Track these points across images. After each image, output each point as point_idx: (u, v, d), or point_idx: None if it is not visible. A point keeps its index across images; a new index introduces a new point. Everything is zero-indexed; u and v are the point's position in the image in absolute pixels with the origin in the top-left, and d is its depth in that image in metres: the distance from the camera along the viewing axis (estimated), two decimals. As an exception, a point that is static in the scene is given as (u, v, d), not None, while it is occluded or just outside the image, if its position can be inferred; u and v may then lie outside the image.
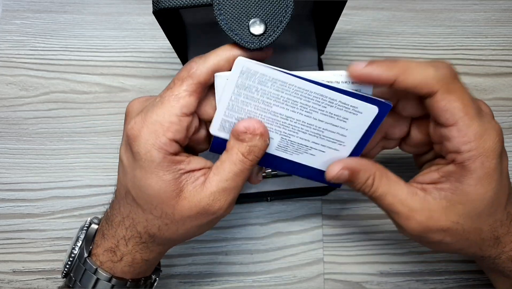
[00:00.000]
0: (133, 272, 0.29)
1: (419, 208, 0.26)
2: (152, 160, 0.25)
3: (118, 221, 0.28)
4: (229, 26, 0.25)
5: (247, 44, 0.25)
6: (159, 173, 0.25)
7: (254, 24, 0.25)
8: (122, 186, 0.27)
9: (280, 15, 0.25)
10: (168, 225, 0.27)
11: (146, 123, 0.25)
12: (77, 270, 0.29)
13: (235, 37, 0.25)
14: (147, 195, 0.26)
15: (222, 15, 0.25)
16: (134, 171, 0.26)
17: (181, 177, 0.26)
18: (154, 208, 0.26)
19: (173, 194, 0.26)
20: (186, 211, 0.26)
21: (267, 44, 0.25)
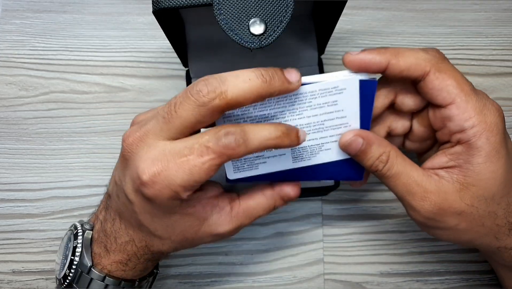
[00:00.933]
0: (141, 274, 0.31)
1: (434, 190, 0.26)
2: (173, 206, 0.25)
3: (126, 241, 0.28)
4: (229, 26, 0.25)
5: (247, 44, 0.25)
6: (181, 210, 0.26)
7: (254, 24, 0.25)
8: (133, 219, 0.27)
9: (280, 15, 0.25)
10: (184, 246, 0.28)
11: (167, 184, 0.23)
12: (82, 279, 0.28)
13: (235, 37, 0.25)
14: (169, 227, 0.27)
15: (222, 15, 0.25)
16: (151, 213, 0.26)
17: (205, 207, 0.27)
18: (175, 235, 0.27)
19: (197, 222, 0.27)
20: (206, 236, 0.28)
21: (267, 44, 0.25)
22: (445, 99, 0.25)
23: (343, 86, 0.25)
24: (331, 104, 0.26)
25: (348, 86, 0.25)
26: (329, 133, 0.27)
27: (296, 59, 0.37)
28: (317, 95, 0.26)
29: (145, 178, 0.23)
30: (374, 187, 0.40)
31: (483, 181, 0.25)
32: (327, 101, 0.26)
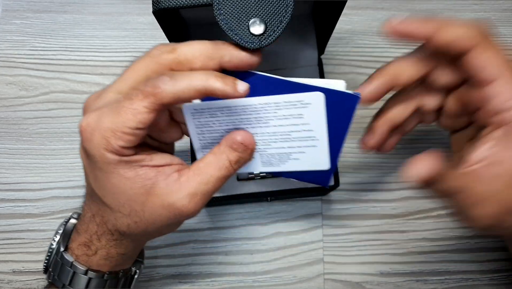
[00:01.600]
0: (110, 264, 0.28)
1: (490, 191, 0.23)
2: (108, 162, 0.24)
3: (89, 217, 0.27)
4: (229, 26, 0.25)
5: (247, 44, 0.25)
6: (119, 171, 0.24)
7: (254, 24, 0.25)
8: (88, 185, 0.27)
9: (280, 15, 0.25)
10: (137, 223, 0.26)
11: (98, 127, 0.23)
12: (55, 265, 0.29)
13: (235, 37, 0.25)
14: (113, 194, 0.25)
15: (222, 15, 0.25)
16: (94, 172, 0.25)
17: (147, 172, 0.24)
18: (121, 206, 0.25)
19: (141, 190, 0.24)
20: (157, 209, 0.25)
21: (267, 44, 0.25)
22: (489, 76, 0.23)
23: (308, 101, 0.25)
24: (296, 116, 0.26)
25: (313, 101, 0.25)
26: (296, 144, 0.27)
27: (296, 59, 0.37)
28: (282, 106, 0.25)
29: (82, 125, 0.24)
30: (374, 186, 0.40)
31: None
32: (292, 114, 0.26)
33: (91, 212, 0.27)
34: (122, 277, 0.30)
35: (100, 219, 0.27)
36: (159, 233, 0.28)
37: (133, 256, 0.31)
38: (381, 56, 0.43)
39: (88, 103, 0.26)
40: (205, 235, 0.39)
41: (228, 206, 0.40)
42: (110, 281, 0.29)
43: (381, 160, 0.41)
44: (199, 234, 0.39)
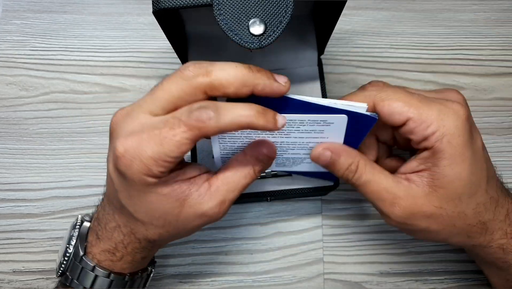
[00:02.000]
0: (132, 267, 0.30)
1: (403, 195, 0.27)
2: (147, 184, 0.24)
3: (113, 226, 0.28)
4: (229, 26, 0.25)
5: (246, 44, 0.25)
6: (157, 190, 0.25)
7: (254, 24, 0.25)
8: (115, 199, 0.27)
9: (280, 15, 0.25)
10: (169, 232, 0.27)
11: (139, 155, 0.23)
12: (74, 268, 0.29)
13: (235, 37, 0.25)
14: (147, 209, 0.26)
15: (222, 15, 0.25)
16: (128, 191, 0.25)
17: (181, 186, 0.25)
18: (155, 219, 0.26)
19: (176, 203, 0.25)
20: (191, 218, 0.26)
21: (267, 44, 0.25)
22: (399, 120, 0.26)
23: (331, 121, 0.26)
24: (317, 132, 0.27)
25: (336, 121, 0.26)
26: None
27: (295, 60, 0.37)
28: (306, 123, 0.27)
29: (119, 150, 0.24)
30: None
31: (449, 183, 0.26)
32: (314, 130, 0.27)
33: (117, 222, 0.28)
34: (140, 277, 0.31)
35: (128, 230, 0.27)
36: (187, 235, 0.29)
37: (151, 257, 0.32)
38: (380, 57, 0.43)
39: (117, 122, 0.25)
40: (205, 235, 0.39)
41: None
42: (130, 283, 0.30)
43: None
44: (199, 234, 0.39)
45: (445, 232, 0.28)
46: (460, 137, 0.26)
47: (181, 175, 0.26)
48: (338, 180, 0.36)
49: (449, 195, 0.26)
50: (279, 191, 0.35)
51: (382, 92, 0.27)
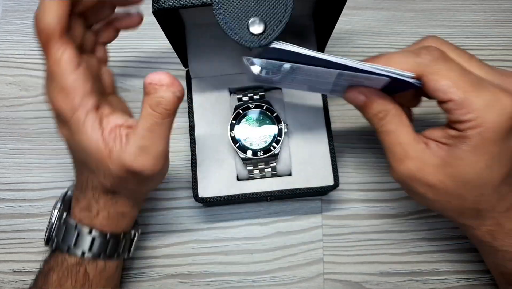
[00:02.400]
0: (112, 225, 0.31)
1: (414, 156, 0.27)
2: (78, 121, 0.26)
3: (83, 184, 0.30)
4: (229, 26, 0.25)
5: (246, 43, 0.25)
6: (87, 133, 0.26)
7: (254, 24, 0.25)
8: (73, 157, 0.30)
9: (279, 14, 0.25)
10: (114, 181, 0.28)
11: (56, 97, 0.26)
12: (59, 231, 0.30)
13: (235, 36, 0.25)
14: (87, 155, 0.27)
15: (222, 14, 0.25)
16: (72, 139, 0.27)
17: (109, 135, 0.26)
18: (96, 167, 0.27)
19: (105, 152, 0.26)
20: (116, 170, 0.27)
21: (267, 43, 0.25)
22: (442, 98, 0.26)
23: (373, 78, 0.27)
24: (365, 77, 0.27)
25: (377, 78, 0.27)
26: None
27: None
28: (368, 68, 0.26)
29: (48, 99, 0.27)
30: (374, 187, 0.40)
31: (461, 167, 0.26)
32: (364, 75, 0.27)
33: (82, 180, 0.30)
34: (123, 239, 0.32)
35: (91, 183, 0.29)
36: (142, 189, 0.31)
37: (132, 217, 0.33)
38: (380, 56, 0.43)
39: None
40: (205, 235, 0.39)
41: (228, 206, 0.40)
42: (113, 242, 0.31)
43: (381, 160, 0.41)
44: (199, 233, 0.39)
45: (439, 204, 0.28)
46: (494, 133, 0.25)
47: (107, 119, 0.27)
48: (338, 180, 0.36)
49: (456, 177, 0.26)
50: (279, 191, 0.35)
51: (435, 65, 0.26)
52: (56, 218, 0.31)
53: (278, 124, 0.35)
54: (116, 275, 0.33)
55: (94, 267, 0.31)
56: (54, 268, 0.30)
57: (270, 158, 0.35)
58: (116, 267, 0.33)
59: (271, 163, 0.35)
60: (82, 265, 0.30)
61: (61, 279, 0.30)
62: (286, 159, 0.36)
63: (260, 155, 0.35)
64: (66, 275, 0.30)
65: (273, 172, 0.36)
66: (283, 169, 0.36)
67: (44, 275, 0.30)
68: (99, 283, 0.31)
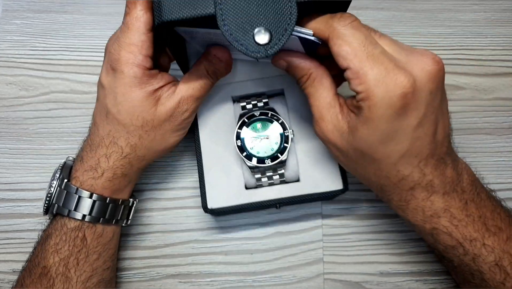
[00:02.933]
0: (112, 187, 0.32)
1: (328, 119, 0.28)
2: (135, 76, 0.30)
3: (98, 142, 0.32)
4: (234, 37, 0.25)
5: (253, 54, 0.25)
6: (141, 86, 0.30)
7: (259, 33, 0.25)
8: (103, 108, 0.31)
9: (284, 22, 0.25)
10: (148, 132, 0.31)
11: (122, 47, 0.29)
12: (59, 196, 0.31)
13: (240, 47, 0.25)
14: (130, 107, 0.30)
15: (226, 25, 0.25)
16: (116, 90, 0.30)
17: (157, 91, 0.31)
18: (136, 118, 0.31)
19: (153, 102, 0.31)
20: (162, 115, 0.31)
21: (273, 52, 0.25)
22: (341, 64, 0.26)
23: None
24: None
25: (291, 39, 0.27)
26: None
27: None
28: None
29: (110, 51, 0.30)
30: (374, 186, 0.40)
31: (357, 136, 0.27)
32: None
33: (100, 136, 0.32)
34: (121, 204, 0.33)
35: (111, 139, 0.31)
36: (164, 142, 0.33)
37: (133, 181, 0.34)
38: (381, 56, 0.43)
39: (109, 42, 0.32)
40: (205, 235, 0.39)
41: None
42: (112, 206, 0.32)
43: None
44: (199, 233, 0.39)
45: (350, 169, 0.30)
46: (382, 109, 0.25)
47: (158, 79, 0.31)
48: (347, 185, 0.35)
49: (355, 146, 0.27)
50: (288, 198, 0.35)
51: (344, 30, 0.26)
52: (56, 186, 0.32)
53: (284, 131, 0.35)
54: (112, 242, 0.34)
55: (92, 232, 0.32)
56: (52, 234, 0.31)
57: (278, 165, 0.35)
58: (113, 233, 0.34)
59: (279, 170, 0.35)
60: (81, 230, 0.31)
61: (58, 244, 0.31)
62: (293, 165, 0.36)
63: (268, 163, 0.34)
64: (64, 240, 0.31)
65: (281, 178, 0.35)
66: (291, 175, 0.36)
67: (42, 242, 0.32)
68: (96, 248, 0.32)
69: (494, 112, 0.42)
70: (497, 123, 0.42)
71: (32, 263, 0.31)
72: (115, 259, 0.35)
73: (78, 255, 0.31)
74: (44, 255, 0.31)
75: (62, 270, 0.30)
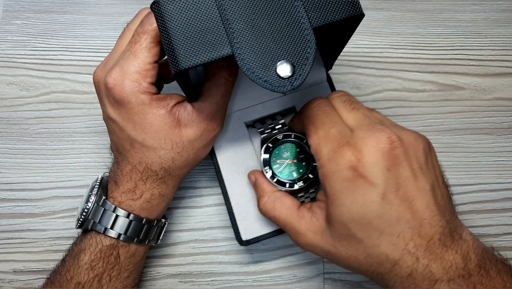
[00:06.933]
0: (150, 208, 0.32)
1: (303, 231, 0.29)
2: (144, 103, 0.29)
3: (129, 169, 0.31)
4: (256, 75, 0.24)
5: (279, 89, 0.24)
6: (153, 111, 0.29)
7: (282, 67, 0.24)
8: (124, 140, 0.30)
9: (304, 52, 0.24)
10: (180, 153, 0.31)
11: (126, 75, 0.28)
12: (96, 212, 0.31)
13: (264, 84, 0.24)
14: (154, 132, 0.30)
15: (246, 64, 0.24)
16: (132, 120, 0.29)
17: (172, 110, 0.30)
18: (164, 142, 0.30)
19: (174, 123, 0.30)
20: (192, 135, 0.30)
21: (299, 84, 0.24)
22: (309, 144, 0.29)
23: None
24: None
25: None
26: None
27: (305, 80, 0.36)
28: None
29: (109, 82, 0.29)
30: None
31: (335, 222, 0.27)
32: None
33: (131, 165, 0.31)
34: (156, 226, 0.33)
35: (144, 166, 0.31)
36: (198, 157, 0.33)
37: (168, 202, 0.34)
38: (380, 57, 0.43)
39: (98, 73, 0.31)
40: (205, 235, 0.39)
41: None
42: (147, 227, 0.32)
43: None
44: (199, 233, 0.39)
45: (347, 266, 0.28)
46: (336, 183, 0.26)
47: (168, 100, 0.30)
48: None
49: (338, 234, 0.26)
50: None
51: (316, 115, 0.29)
52: (94, 202, 0.31)
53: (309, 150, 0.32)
54: (142, 262, 0.34)
55: (126, 251, 0.32)
56: (86, 249, 0.31)
57: (310, 186, 0.34)
58: (144, 253, 0.34)
59: (310, 190, 0.34)
60: (115, 248, 0.31)
61: (93, 260, 0.31)
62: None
63: (301, 186, 0.33)
64: (99, 257, 0.31)
65: (312, 200, 0.34)
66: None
67: (74, 256, 0.31)
68: (127, 267, 0.32)
69: (493, 112, 0.42)
70: (496, 123, 0.42)
71: (64, 277, 0.31)
72: (140, 276, 0.36)
73: (111, 272, 0.31)
74: (79, 271, 0.31)
75: (95, 286, 0.30)
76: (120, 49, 0.30)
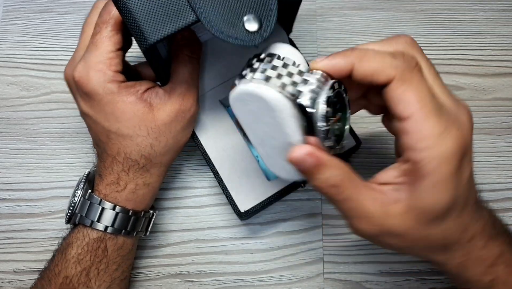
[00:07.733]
0: (136, 199, 0.32)
1: (379, 214, 0.24)
2: (112, 92, 0.29)
3: (110, 161, 0.31)
4: (226, 34, 0.24)
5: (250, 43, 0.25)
6: (123, 98, 0.29)
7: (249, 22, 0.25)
8: (101, 133, 0.31)
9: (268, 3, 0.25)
10: (158, 139, 0.31)
11: (90, 67, 0.29)
12: (82, 206, 0.31)
13: (235, 41, 0.24)
14: (127, 120, 0.30)
15: (214, 26, 0.24)
16: (102, 112, 0.30)
17: (143, 96, 0.30)
18: (138, 129, 0.30)
19: (146, 109, 0.30)
20: (166, 118, 0.30)
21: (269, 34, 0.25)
22: (402, 112, 0.23)
23: None
24: None
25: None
26: None
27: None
28: None
29: (75, 75, 0.29)
30: (374, 186, 0.40)
31: (426, 206, 0.24)
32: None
33: (111, 156, 0.31)
34: (143, 217, 0.33)
35: (123, 156, 0.31)
36: (179, 142, 0.33)
37: (154, 191, 0.34)
38: (380, 57, 0.43)
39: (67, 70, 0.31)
40: (205, 235, 0.39)
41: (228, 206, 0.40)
42: (134, 219, 0.32)
43: (381, 160, 0.41)
44: (199, 233, 0.39)
45: (409, 249, 0.26)
46: (451, 166, 0.23)
47: (138, 86, 0.30)
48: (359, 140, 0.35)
49: (422, 218, 0.24)
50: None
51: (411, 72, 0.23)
52: (80, 196, 0.31)
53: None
54: (130, 254, 0.34)
55: (114, 243, 0.32)
56: (73, 243, 0.31)
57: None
58: (132, 245, 0.34)
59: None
60: (103, 241, 0.31)
61: (80, 254, 0.31)
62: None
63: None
64: (86, 250, 0.31)
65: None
66: None
67: (62, 251, 0.32)
68: (115, 259, 0.32)
69: (493, 112, 0.42)
70: (496, 123, 0.42)
71: (52, 272, 0.31)
72: (131, 269, 0.36)
73: (99, 266, 0.31)
74: (66, 265, 0.31)
75: (83, 280, 0.31)
76: (85, 44, 0.31)
